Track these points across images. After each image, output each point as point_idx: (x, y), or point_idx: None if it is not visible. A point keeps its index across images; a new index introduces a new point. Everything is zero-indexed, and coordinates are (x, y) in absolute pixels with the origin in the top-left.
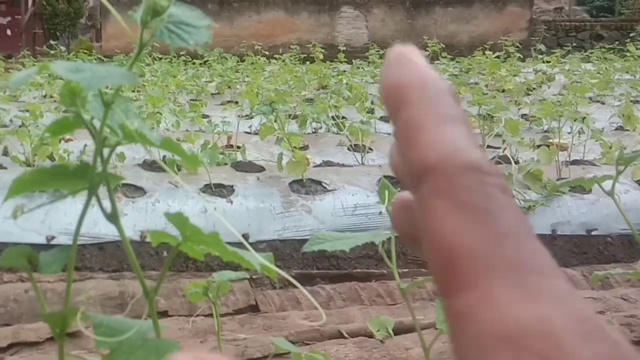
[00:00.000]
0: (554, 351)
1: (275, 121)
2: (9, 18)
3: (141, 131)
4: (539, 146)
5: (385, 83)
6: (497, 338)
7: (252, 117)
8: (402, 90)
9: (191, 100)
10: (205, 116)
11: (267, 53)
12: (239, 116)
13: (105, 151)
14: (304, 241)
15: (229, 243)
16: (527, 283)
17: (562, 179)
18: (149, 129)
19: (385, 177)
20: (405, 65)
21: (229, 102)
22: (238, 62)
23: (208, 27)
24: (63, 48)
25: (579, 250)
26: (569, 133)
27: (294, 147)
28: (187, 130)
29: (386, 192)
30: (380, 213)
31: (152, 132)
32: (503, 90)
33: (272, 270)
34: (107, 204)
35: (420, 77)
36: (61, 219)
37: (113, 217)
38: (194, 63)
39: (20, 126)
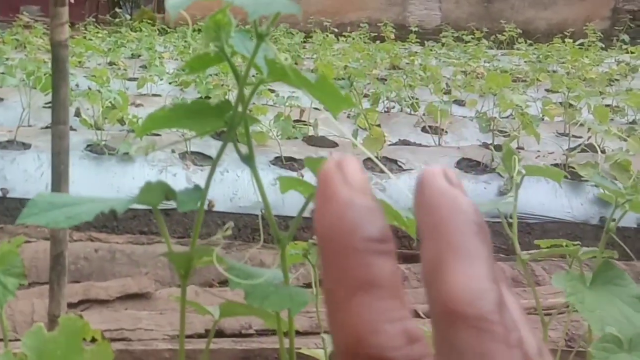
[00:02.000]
0: None
1: (355, 97)
2: None
3: (295, 68)
4: (628, 136)
5: (314, 228)
6: None
7: None
8: (319, 241)
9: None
10: (272, 90)
11: (335, 30)
12: None
13: (246, 92)
14: None
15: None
16: None
17: None
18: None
19: (464, 159)
20: (327, 200)
21: None
22: (305, 38)
23: None
24: (128, 17)
25: None
26: None
27: (371, 123)
28: (254, 104)
29: (512, 157)
30: None
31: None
32: (584, 79)
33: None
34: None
35: (334, 223)
36: (130, 182)
37: (249, 158)
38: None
39: (85, 90)
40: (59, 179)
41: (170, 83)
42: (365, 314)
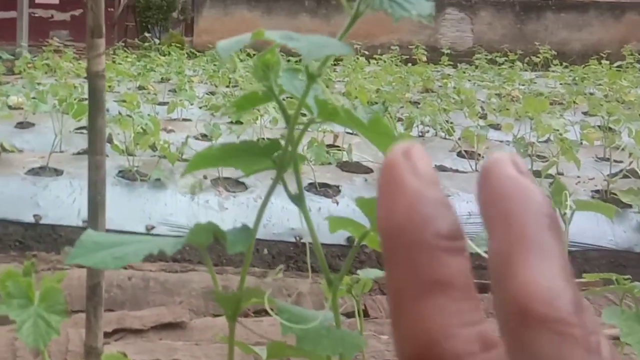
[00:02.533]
0: None
1: (390, 122)
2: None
3: (347, 108)
4: None
5: (377, 223)
6: None
7: None
8: (384, 240)
9: (287, 97)
10: (304, 114)
11: (366, 53)
12: None
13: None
14: None
15: (332, 245)
16: None
17: None
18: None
19: None
20: (393, 196)
21: None
22: (335, 61)
23: None
24: (156, 41)
25: None
26: None
27: None
28: (285, 128)
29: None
30: None
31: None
32: (623, 102)
33: None
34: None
35: (402, 221)
36: (161, 209)
37: (299, 199)
38: (289, 60)
39: (116, 115)
40: (96, 209)
41: (200, 107)
42: (438, 316)
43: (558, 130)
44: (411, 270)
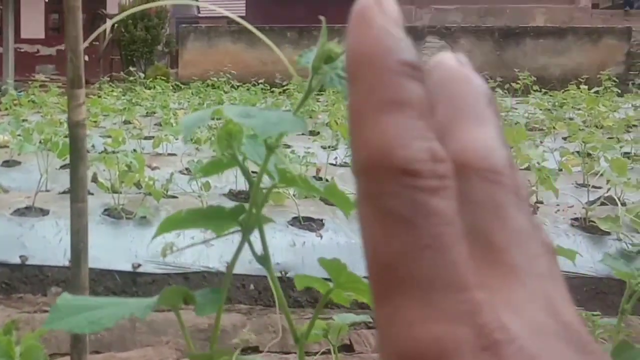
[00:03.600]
0: None
1: None
2: (86, 44)
3: (304, 177)
4: None
5: (345, 54)
6: (396, 357)
7: (336, 149)
8: (350, 65)
9: None
10: (287, 146)
11: None
12: (323, 147)
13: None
14: None
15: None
16: (436, 300)
17: None
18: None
19: None
20: (361, 29)
21: (311, 132)
22: (319, 91)
23: None
24: (141, 74)
25: None
26: None
27: None
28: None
29: None
30: None
31: (312, 179)
32: (602, 127)
33: None
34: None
35: (369, 47)
36: (147, 246)
37: (265, 259)
38: (272, 92)
39: (102, 152)
40: (79, 257)
41: (187, 141)
42: (393, 129)
43: (534, 159)
44: (373, 89)
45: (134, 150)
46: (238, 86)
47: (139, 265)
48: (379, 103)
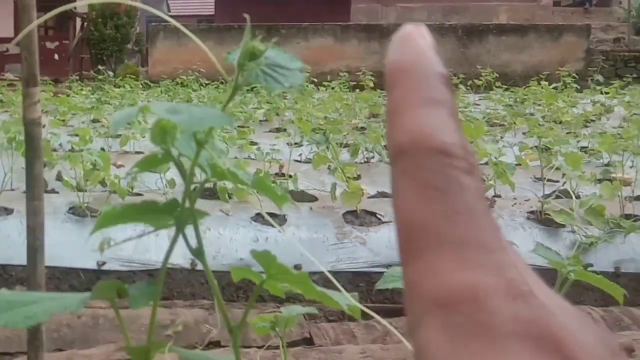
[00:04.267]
0: (477, 313)
1: (328, 150)
2: (57, 43)
3: (233, 170)
4: (600, 180)
5: (387, 66)
6: (431, 303)
7: (301, 145)
8: (394, 74)
9: (239, 127)
10: (253, 143)
11: (315, 80)
12: (288, 144)
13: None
14: (358, 273)
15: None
16: (469, 256)
17: (626, 215)
18: (239, 168)
19: None
20: (405, 47)
21: (277, 129)
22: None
23: (301, 69)
24: (110, 73)
25: None
26: (631, 167)
27: (348, 177)
28: (235, 157)
29: None
30: None
31: (243, 172)
32: (560, 122)
33: (357, 310)
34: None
35: (413, 60)
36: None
37: (199, 253)
38: (241, 89)
39: (69, 150)
40: (35, 255)
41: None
42: (433, 119)
43: (492, 154)
44: (413, 90)
45: (102, 148)
46: (207, 84)
47: (104, 263)
48: (420, 99)
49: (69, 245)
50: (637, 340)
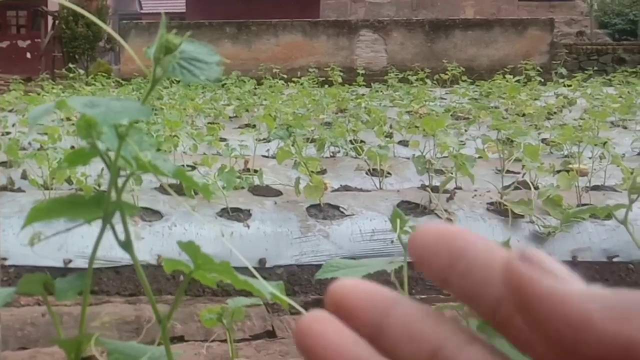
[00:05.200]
0: None
1: (292, 145)
2: (28, 41)
3: (154, 162)
4: (558, 171)
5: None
6: None
7: (269, 141)
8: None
9: (209, 123)
10: (223, 139)
11: (285, 76)
12: (256, 140)
13: (120, 181)
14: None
15: (244, 268)
16: None
17: (583, 204)
18: (163, 159)
19: (403, 202)
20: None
21: (246, 125)
22: (256, 85)
23: (219, 63)
24: (82, 71)
25: (600, 276)
26: (589, 158)
27: (312, 171)
28: (204, 154)
29: (398, 220)
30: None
31: (165, 163)
32: (524, 115)
33: (283, 299)
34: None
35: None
36: (78, 242)
37: (127, 245)
38: (212, 86)
39: (38, 149)
40: None
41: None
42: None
43: (453, 147)
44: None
45: (72, 147)
46: (178, 81)
47: (70, 261)
48: None
49: (37, 244)
50: None
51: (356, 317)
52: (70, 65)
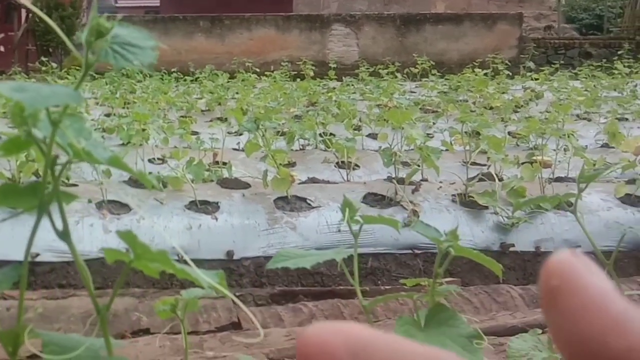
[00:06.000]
0: None
1: (262, 137)
2: (1, 35)
3: (88, 150)
4: (523, 163)
5: None
6: None
7: (240, 134)
8: None
9: (181, 117)
10: (194, 133)
11: (258, 70)
12: (228, 133)
13: (58, 169)
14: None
15: (212, 260)
16: None
17: (545, 196)
18: (100, 147)
19: (369, 194)
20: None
21: (218, 119)
22: (229, 79)
23: (153, 48)
24: (55, 64)
25: None
26: (554, 150)
27: (279, 163)
28: (175, 147)
29: (347, 209)
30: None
31: (101, 150)
32: (491, 108)
33: (221, 289)
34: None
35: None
36: (46, 236)
37: (64, 234)
38: (185, 80)
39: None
40: None
41: (95, 129)
42: None
43: (418, 139)
44: None
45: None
46: (151, 75)
47: (37, 255)
48: None
49: (2, 237)
50: None
51: None
52: (44, 59)
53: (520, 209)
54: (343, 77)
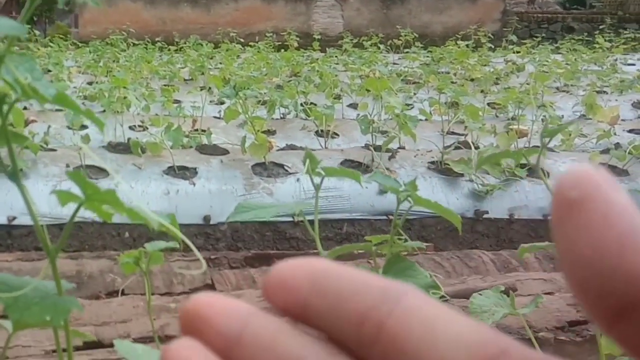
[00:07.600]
0: None
1: (242, 104)
2: None
3: (34, 86)
4: (500, 133)
5: None
6: None
7: (222, 103)
8: None
9: (164, 85)
10: (177, 101)
11: (242, 41)
12: (210, 101)
13: (5, 107)
14: (264, 223)
15: (189, 225)
16: None
17: (521, 165)
18: (48, 85)
19: (346, 160)
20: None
21: (201, 88)
22: (214, 49)
23: None
24: (39, 32)
25: (535, 234)
26: (531, 120)
27: (258, 130)
28: (156, 114)
29: (308, 160)
30: (341, 196)
31: (47, 88)
32: (472, 79)
33: (172, 230)
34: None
35: None
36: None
37: (13, 174)
38: (169, 50)
39: None
40: None
41: (77, 97)
42: None
43: (396, 107)
44: None
45: (25, 107)
46: (135, 44)
47: (14, 218)
48: None
49: None
50: (521, 281)
51: (212, 333)
52: (27, 26)
53: (483, 165)
54: (327, 49)
